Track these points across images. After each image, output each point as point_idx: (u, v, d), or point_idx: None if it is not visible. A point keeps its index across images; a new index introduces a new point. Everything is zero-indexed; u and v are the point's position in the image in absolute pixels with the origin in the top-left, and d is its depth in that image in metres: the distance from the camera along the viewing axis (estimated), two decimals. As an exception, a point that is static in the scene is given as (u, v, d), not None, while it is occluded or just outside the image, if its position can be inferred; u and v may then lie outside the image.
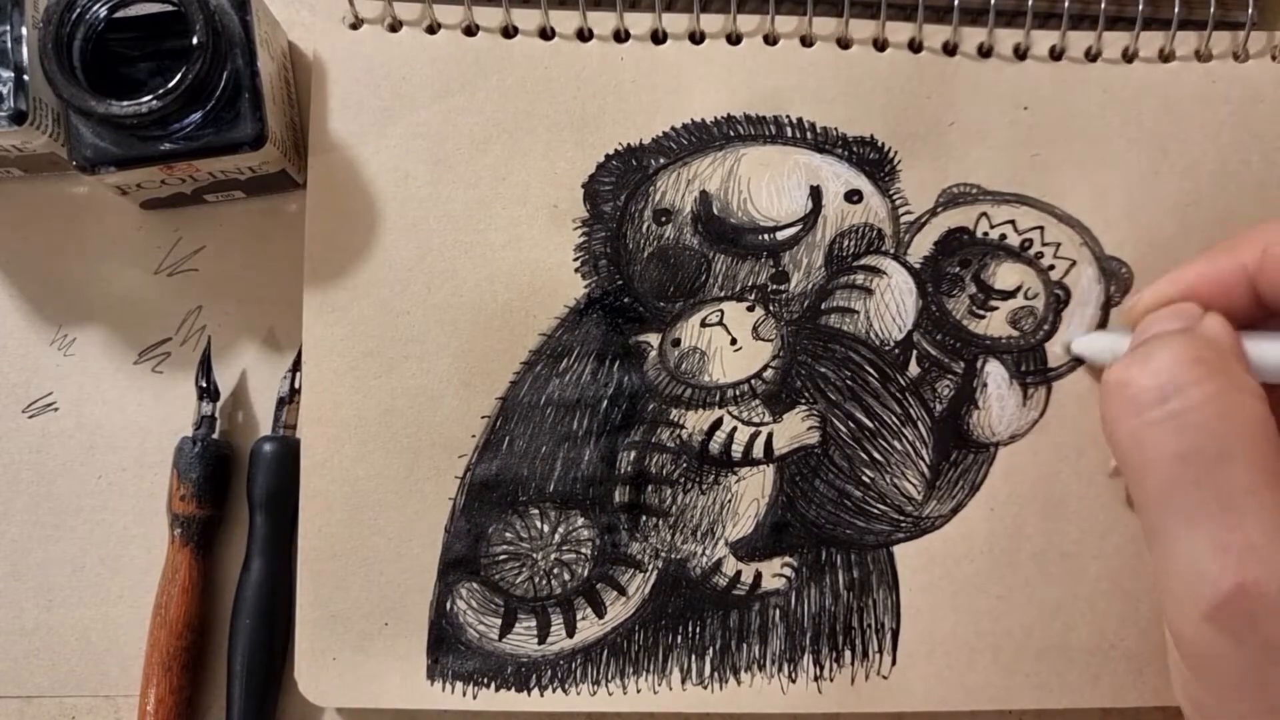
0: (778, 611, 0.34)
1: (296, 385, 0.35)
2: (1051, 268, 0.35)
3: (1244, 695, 0.22)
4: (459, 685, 0.34)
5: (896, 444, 0.35)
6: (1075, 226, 0.35)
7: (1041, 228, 0.35)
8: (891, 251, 0.35)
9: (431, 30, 0.35)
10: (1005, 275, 0.35)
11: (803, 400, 0.34)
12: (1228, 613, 0.22)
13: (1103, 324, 0.35)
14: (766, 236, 0.35)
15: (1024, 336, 0.35)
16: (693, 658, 0.34)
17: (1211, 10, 0.35)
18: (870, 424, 0.34)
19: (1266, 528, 0.22)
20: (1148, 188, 0.35)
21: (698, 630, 0.34)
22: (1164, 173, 0.35)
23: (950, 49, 0.35)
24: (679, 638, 0.34)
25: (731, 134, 0.35)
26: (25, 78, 0.30)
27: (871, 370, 0.35)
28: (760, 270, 0.35)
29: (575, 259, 0.34)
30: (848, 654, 0.34)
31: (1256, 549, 0.22)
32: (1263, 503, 0.22)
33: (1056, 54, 0.35)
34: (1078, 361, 0.35)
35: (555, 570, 0.34)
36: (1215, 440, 0.23)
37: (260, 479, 0.34)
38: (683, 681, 0.34)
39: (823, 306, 0.35)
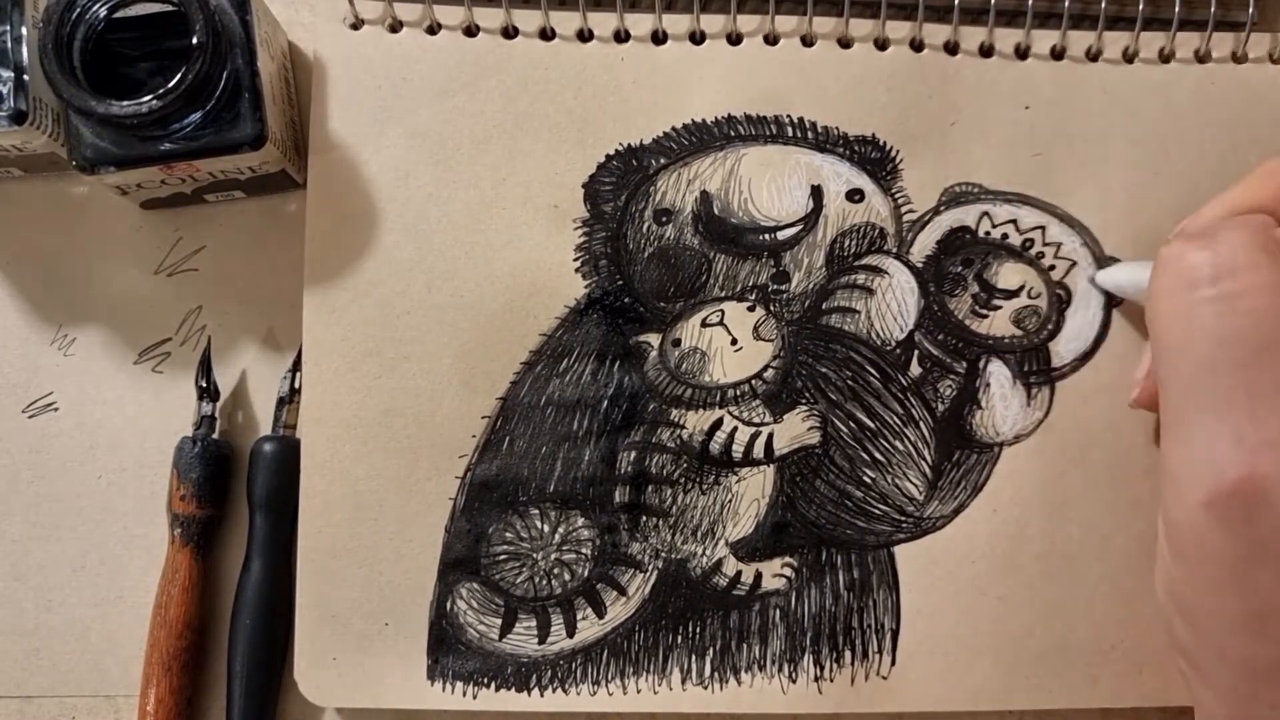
0: (778, 612, 0.34)
1: (296, 385, 0.35)
2: (1052, 268, 0.35)
3: (1224, 591, 0.22)
4: (459, 685, 0.34)
5: (898, 444, 0.34)
6: (1076, 227, 0.35)
7: (1043, 227, 0.35)
8: (893, 251, 0.35)
9: (432, 31, 0.35)
10: (1008, 275, 0.35)
11: (803, 400, 0.34)
12: (1227, 503, 0.22)
13: (1105, 324, 0.35)
14: (767, 236, 0.34)
15: (1027, 336, 0.35)
16: (693, 658, 0.34)
17: (1212, 10, 0.35)
18: (871, 424, 0.34)
19: None
20: (1148, 188, 0.35)
21: (698, 630, 0.34)
22: (1164, 173, 0.35)
23: (951, 48, 0.35)
24: (679, 638, 0.34)
25: (732, 134, 0.35)
26: (25, 78, 0.30)
27: (873, 370, 0.34)
28: (761, 270, 0.34)
29: (575, 259, 0.34)
30: (848, 654, 0.34)
31: (1273, 445, 0.22)
32: None
33: (1058, 53, 0.35)
34: (1081, 361, 0.35)
35: (555, 570, 0.34)
36: (1261, 329, 0.23)
37: (260, 479, 0.34)
38: (683, 682, 0.34)
39: (824, 306, 0.35)
